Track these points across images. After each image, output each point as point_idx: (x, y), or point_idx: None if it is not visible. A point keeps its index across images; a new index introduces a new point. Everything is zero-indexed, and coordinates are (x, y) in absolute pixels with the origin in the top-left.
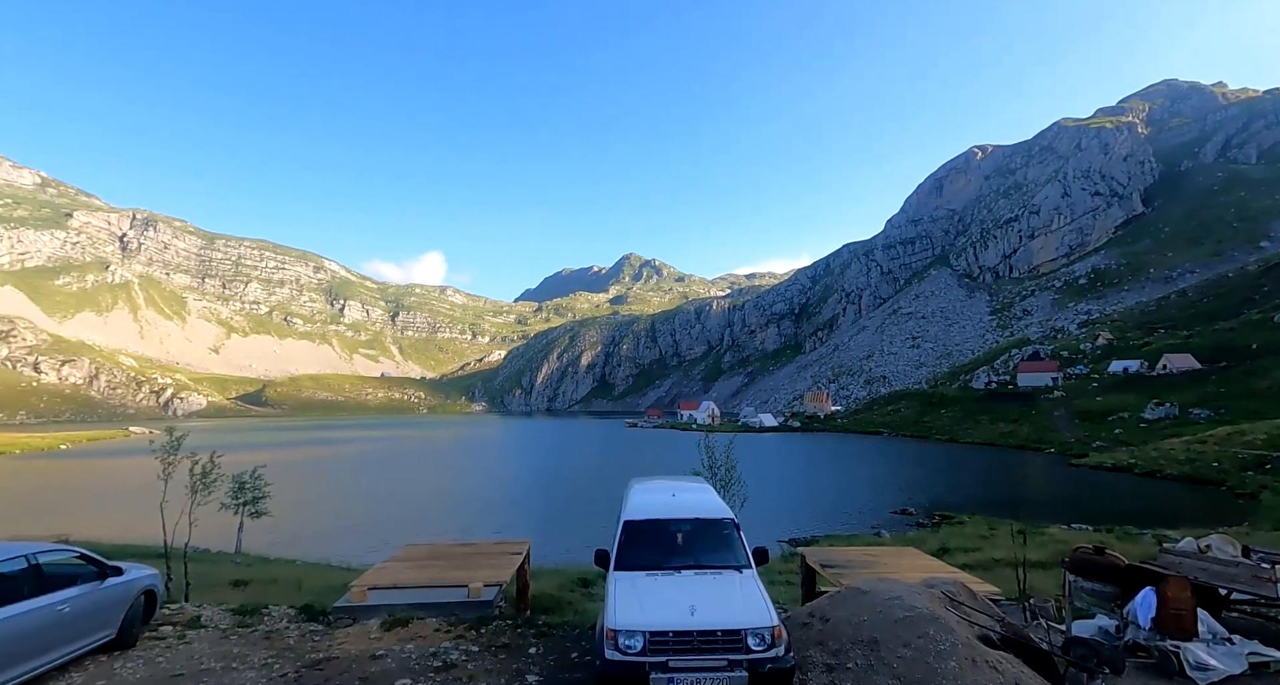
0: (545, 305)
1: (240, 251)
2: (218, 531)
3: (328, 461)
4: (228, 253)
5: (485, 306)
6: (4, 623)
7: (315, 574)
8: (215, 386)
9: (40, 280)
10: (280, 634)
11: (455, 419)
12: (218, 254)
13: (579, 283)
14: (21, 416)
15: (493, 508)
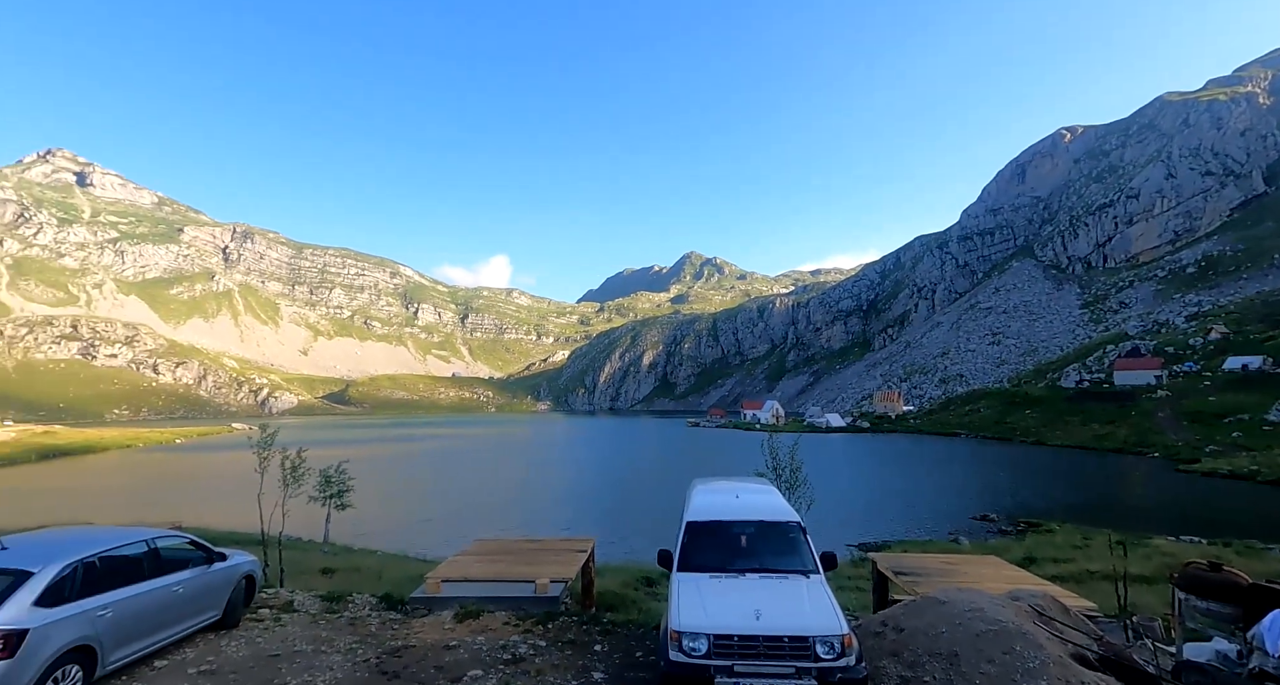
0: (607, 305)
1: (325, 260)
2: (307, 522)
3: (404, 458)
4: (314, 261)
5: (549, 308)
6: (129, 600)
7: (394, 564)
8: (304, 386)
9: (157, 290)
10: (363, 621)
11: (521, 418)
12: (306, 262)
13: (640, 282)
14: (144, 413)
15: (557, 505)
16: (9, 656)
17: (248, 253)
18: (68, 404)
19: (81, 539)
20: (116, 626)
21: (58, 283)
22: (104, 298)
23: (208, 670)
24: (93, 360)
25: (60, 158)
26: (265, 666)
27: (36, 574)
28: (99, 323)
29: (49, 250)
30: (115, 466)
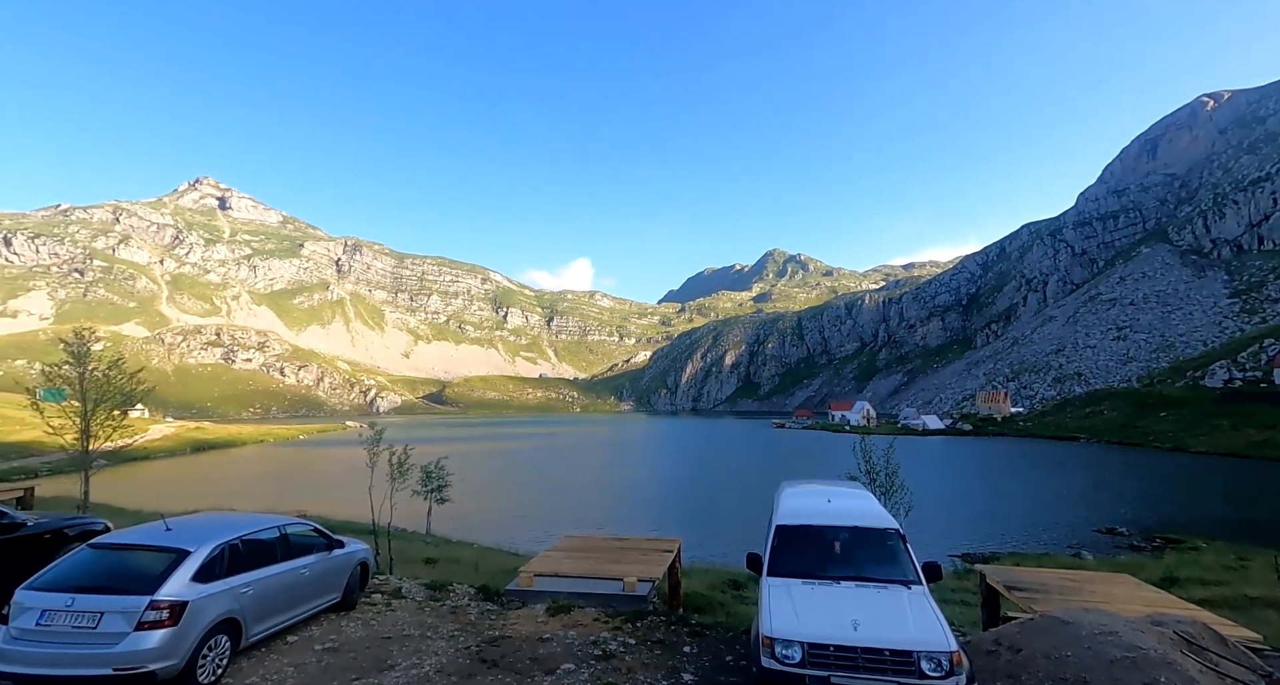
0: (688, 306)
1: (424, 268)
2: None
3: (496, 455)
4: (414, 270)
5: (631, 309)
6: (266, 580)
7: (489, 557)
8: (406, 387)
9: (283, 300)
10: (463, 610)
11: (605, 417)
12: (406, 271)
13: (721, 282)
14: (273, 411)
15: (642, 505)
16: (173, 624)
17: (357, 264)
18: (213, 403)
19: (227, 523)
20: (256, 603)
21: (204, 296)
22: (240, 308)
23: (331, 647)
24: (232, 364)
25: (206, 185)
26: (379, 647)
27: (194, 553)
28: (237, 330)
29: (198, 267)
30: (251, 459)
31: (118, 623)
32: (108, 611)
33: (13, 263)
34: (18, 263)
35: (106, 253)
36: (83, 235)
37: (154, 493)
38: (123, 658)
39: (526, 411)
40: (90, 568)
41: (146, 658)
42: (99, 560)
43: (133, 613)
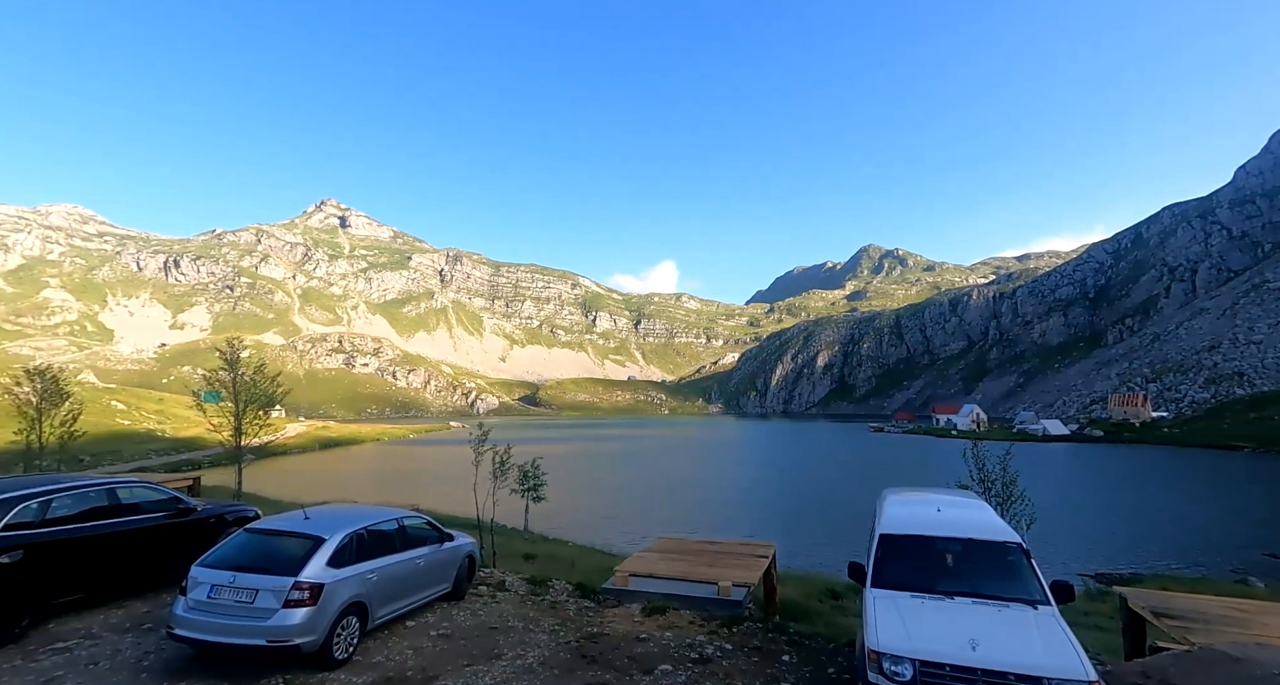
0: (777, 306)
1: (518, 275)
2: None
3: (587, 456)
4: (509, 277)
5: (718, 310)
6: (387, 567)
7: (583, 556)
8: (503, 389)
9: (394, 309)
10: (562, 606)
11: (693, 420)
12: (502, 279)
13: (812, 280)
14: (387, 411)
15: (733, 508)
16: (313, 604)
17: (458, 273)
18: (337, 404)
19: (354, 514)
20: (379, 589)
21: (328, 307)
22: (358, 317)
23: (444, 634)
24: (352, 369)
25: (329, 206)
26: (487, 636)
27: (328, 540)
28: (355, 338)
29: (323, 281)
30: (368, 456)
31: (269, 599)
32: (261, 589)
33: (180, 282)
34: (184, 282)
35: (251, 270)
36: (232, 256)
37: (290, 484)
38: (273, 631)
39: (615, 413)
40: (246, 549)
41: (292, 632)
42: (253, 543)
43: (280, 591)
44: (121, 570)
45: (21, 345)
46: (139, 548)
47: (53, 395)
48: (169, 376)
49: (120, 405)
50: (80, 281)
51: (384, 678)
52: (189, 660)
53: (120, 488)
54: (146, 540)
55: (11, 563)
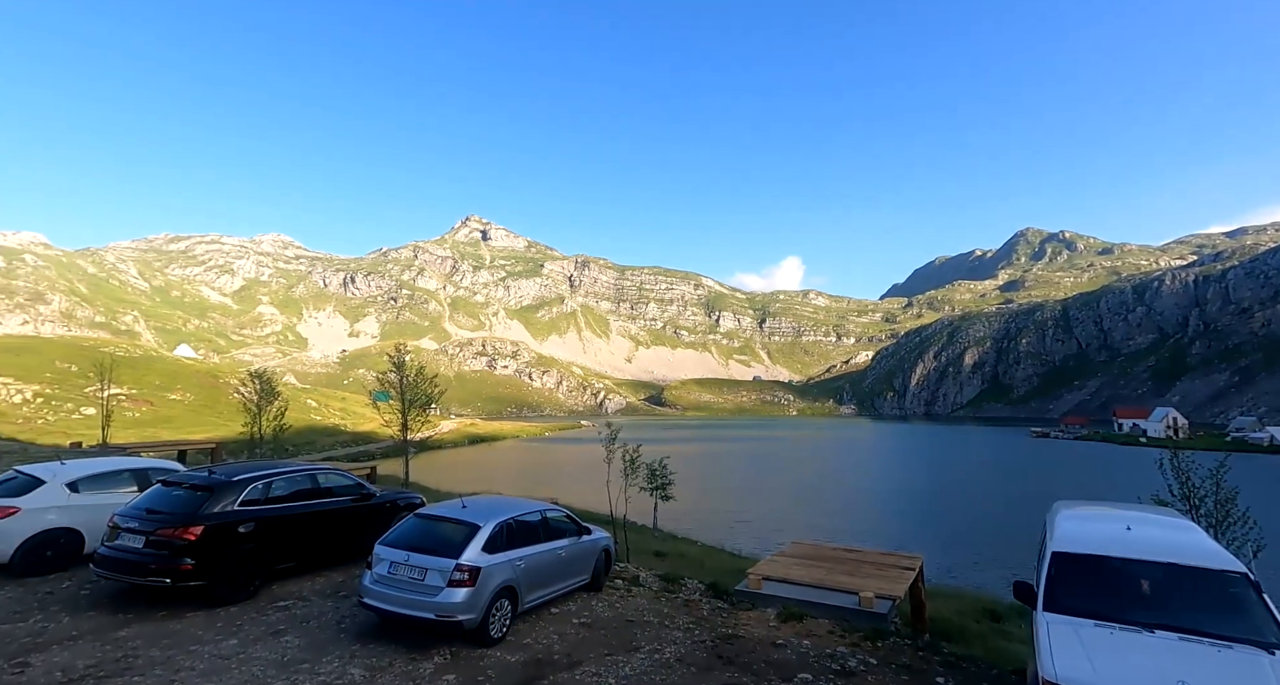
0: (916, 300)
1: (641, 278)
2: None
3: (713, 457)
4: (633, 280)
5: (848, 307)
6: (533, 556)
7: (712, 556)
8: (629, 389)
9: (528, 314)
10: (696, 604)
11: (824, 422)
12: (627, 282)
13: (957, 271)
14: (524, 410)
15: (871, 515)
16: (471, 585)
17: (585, 279)
18: (481, 403)
19: (504, 504)
20: (527, 575)
21: (473, 313)
22: (498, 323)
23: (585, 623)
24: (494, 371)
25: (473, 222)
26: (625, 628)
27: (483, 528)
28: (496, 342)
29: (468, 290)
30: (508, 451)
31: (436, 578)
32: (429, 568)
33: (355, 295)
34: (358, 295)
35: (409, 283)
36: (394, 271)
37: (444, 475)
38: (440, 607)
39: (740, 414)
40: (416, 532)
41: (455, 609)
42: (422, 527)
43: (445, 571)
44: (322, 544)
45: (243, 352)
46: (334, 525)
47: (268, 395)
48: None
49: (313, 403)
50: (283, 298)
51: (534, 659)
52: (376, 626)
53: (319, 473)
54: (339, 519)
55: (246, 533)
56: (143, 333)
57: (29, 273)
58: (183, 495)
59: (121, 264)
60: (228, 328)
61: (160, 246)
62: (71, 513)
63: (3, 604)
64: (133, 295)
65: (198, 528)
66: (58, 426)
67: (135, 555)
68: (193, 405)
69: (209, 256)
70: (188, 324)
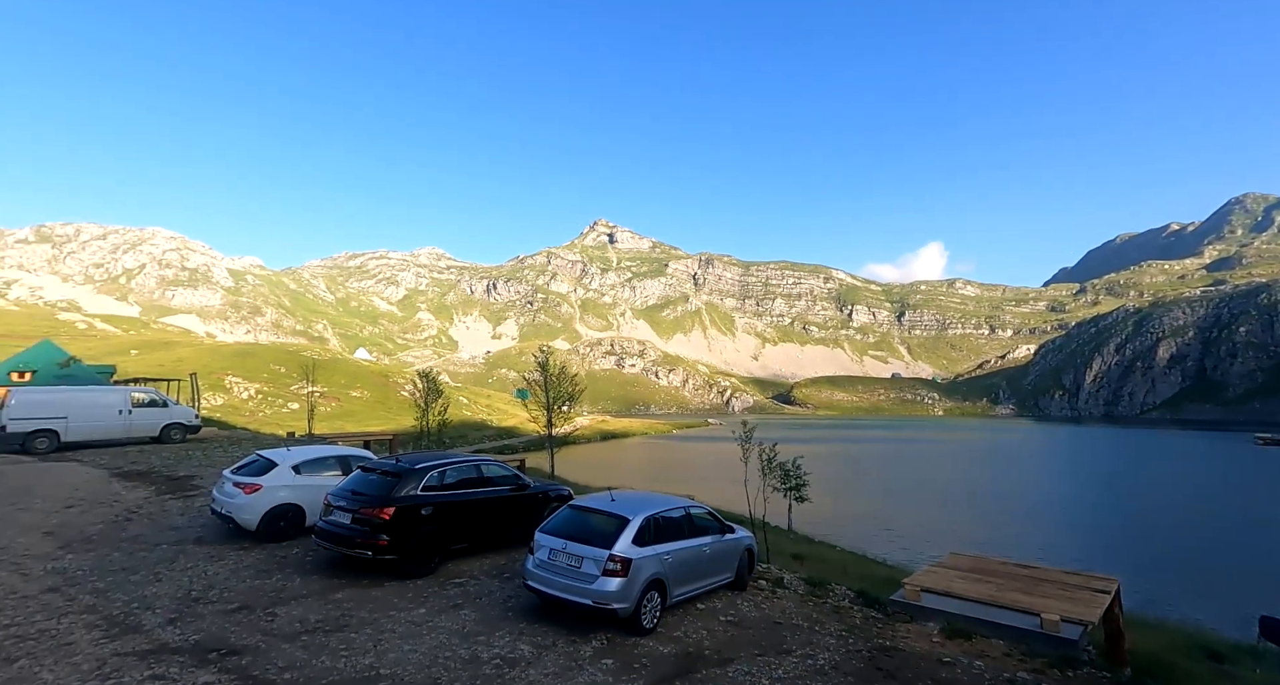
0: (1090, 285)
1: (767, 274)
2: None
3: (849, 458)
4: (758, 276)
5: (1004, 296)
6: (678, 551)
7: (856, 562)
8: (756, 388)
9: (654, 314)
10: (846, 611)
11: (976, 423)
12: (751, 278)
13: (1144, 250)
14: (651, 408)
15: (1042, 529)
16: (624, 575)
17: (710, 276)
18: (610, 401)
19: (649, 500)
20: (674, 570)
21: (602, 314)
22: (625, 323)
23: (732, 621)
24: (622, 369)
25: (600, 226)
26: (773, 630)
27: (632, 521)
28: (623, 341)
29: (596, 292)
30: (638, 447)
31: (591, 567)
32: (585, 557)
33: (497, 301)
34: (500, 301)
35: (543, 287)
36: (530, 276)
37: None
38: (596, 594)
39: (877, 413)
40: (571, 522)
41: (610, 598)
42: (575, 517)
43: (599, 561)
44: (487, 528)
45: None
46: (496, 512)
47: (432, 393)
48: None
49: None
50: (437, 305)
51: (684, 652)
52: (538, 608)
53: (482, 464)
54: (500, 506)
55: (427, 515)
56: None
57: (250, 290)
58: (377, 480)
59: (314, 280)
60: (394, 333)
61: (342, 263)
62: (296, 491)
63: (254, 563)
64: (322, 306)
65: (390, 509)
66: (273, 419)
67: (344, 530)
68: (369, 401)
69: (378, 270)
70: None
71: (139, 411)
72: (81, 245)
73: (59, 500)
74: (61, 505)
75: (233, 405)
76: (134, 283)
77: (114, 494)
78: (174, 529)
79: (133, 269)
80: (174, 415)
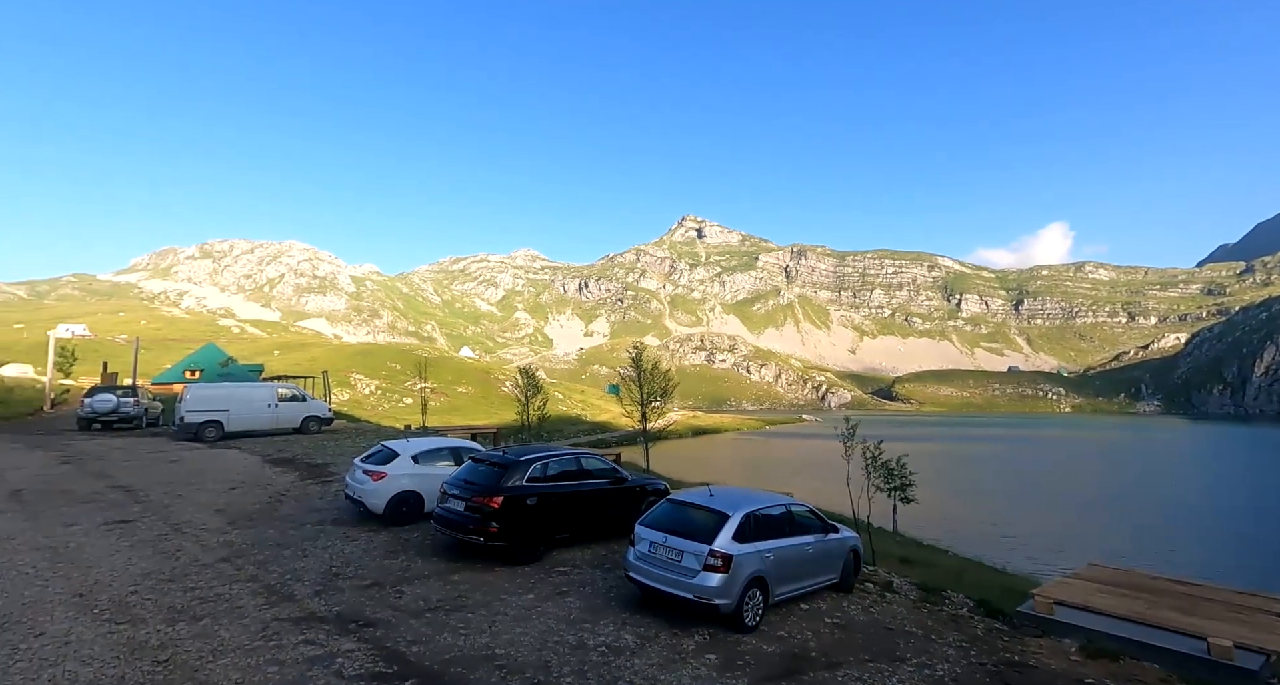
0: (1259, 264)
1: (864, 263)
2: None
3: (962, 458)
4: (855, 266)
5: (1145, 279)
6: (779, 549)
7: (972, 570)
8: (854, 383)
9: (744, 308)
10: (966, 621)
11: (1113, 421)
12: (848, 269)
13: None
14: (744, 404)
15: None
16: (725, 571)
17: (802, 268)
18: (701, 397)
19: (748, 496)
20: (775, 568)
21: (691, 310)
22: (715, 318)
23: (838, 624)
24: (712, 365)
25: (689, 221)
26: (884, 636)
27: (732, 517)
28: (714, 337)
29: (685, 288)
30: (730, 443)
31: (691, 561)
32: (685, 551)
33: (588, 299)
34: (591, 299)
35: (632, 284)
36: (619, 274)
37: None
38: (697, 589)
39: (992, 410)
40: (670, 516)
41: (712, 593)
42: (675, 512)
43: (700, 556)
44: (588, 519)
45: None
46: (596, 504)
47: (532, 388)
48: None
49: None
50: (533, 304)
51: (790, 652)
52: (639, 599)
53: (581, 457)
54: (600, 498)
55: (532, 506)
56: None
57: (369, 295)
58: (486, 470)
59: (423, 284)
60: (494, 332)
61: (446, 267)
62: (416, 479)
63: (382, 544)
64: (430, 308)
65: (499, 498)
66: (390, 412)
67: (459, 517)
68: (473, 397)
69: (479, 272)
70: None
71: (283, 405)
72: (235, 259)
73: (225, 482)
74: (227, 487)
75: (356, 400)
76: (275, 291)
77: (267, 478)
78: (315, 511)
79: (274, 278)
80: (311, 409)
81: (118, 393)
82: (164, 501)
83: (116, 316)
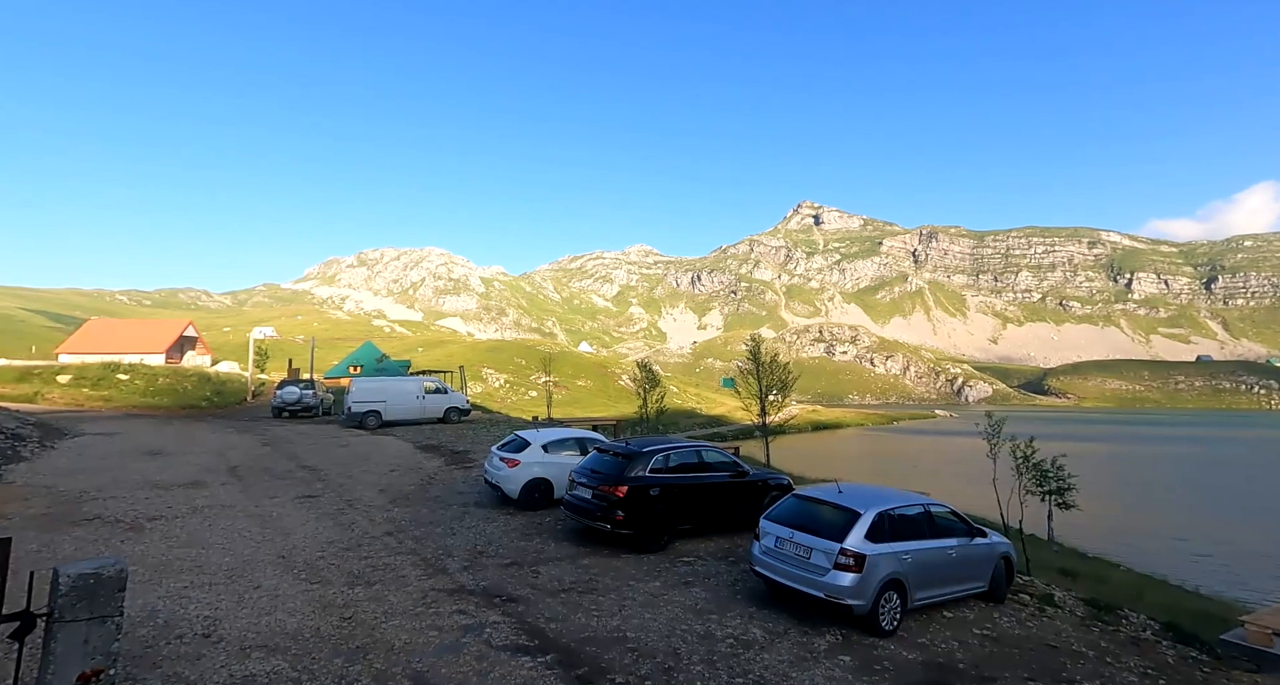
0: None
1: (1008, 243)
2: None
3: (1136, 460)
4: (996, 247)
5: None
6: (918, 551)
7: (1153, 588)
8: (996, 375)
9: (867, 296)
10: (1150, 645)
11: None
12: (987, 250)
13: None
14: (867, 398)
15: None
16: (858, 571)
17: (933, 252)
18: (821, 390)
19: (881, 494)
20: (914, 571)
21: (808, 300)
22: (834, 308)
23: (988, 636)
24: (832, 357)
25: (805, 208)
26: (1046, 654)
27: (864, 515)
28: (833, 327)
29: (802, 277)
30: (854, 439)
31: (821, 559)
32: (814, 548)
33: (701, 292)
34: (704, 292)
35: (746, 275)
36: (732, 265)
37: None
38: (828, 588)
39: (1176, 407)
40: (797, 512)
41: (844, 593)
42: (801, 507)
43: (830, 554)
44: (709, 511)
45: (620, 347)
46: (717, 496)
47: (650, 381)
48: (699, 367)
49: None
50: (647, 299)
51: (934, 661)
52: (764, 593)
53: (702, 450)
54: (721, 491)
55: (655, 496)
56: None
57: (496, 294)
58: (610, 460)
59: (544, 282)
60: (610, 327)
61: (564, 265)
62: (545, 467)
63: (519, 527)
64: (551, 305)
65: (624, 487)
66: (516, 404)
67: (586, 504)
68: (592, 390)
69: (595, 270)
70: (585, 325)
71: (429, 397)
72: (384, 265)
73: (386, 465)
74: (388, 469)
75: (488, 393)
76: (417, 293)
77: (419, 463)
78: (460, 494)
79: (416, 282)
80: (452, 400)
81: (300, 386)
82: (339, 480)
83: (295, 320)
